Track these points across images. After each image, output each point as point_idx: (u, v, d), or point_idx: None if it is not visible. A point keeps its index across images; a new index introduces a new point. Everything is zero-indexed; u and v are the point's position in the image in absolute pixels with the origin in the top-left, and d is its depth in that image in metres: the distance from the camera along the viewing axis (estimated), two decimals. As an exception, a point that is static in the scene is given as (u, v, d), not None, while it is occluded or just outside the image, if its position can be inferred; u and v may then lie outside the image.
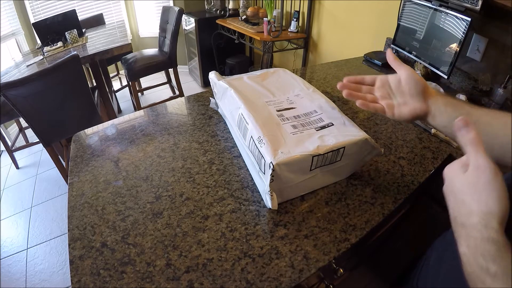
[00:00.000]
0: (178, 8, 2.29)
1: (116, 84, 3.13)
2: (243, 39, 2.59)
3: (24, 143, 2.43)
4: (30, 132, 2.50)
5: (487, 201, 0.31)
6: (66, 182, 1.77)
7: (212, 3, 3.02)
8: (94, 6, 3.16)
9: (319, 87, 0.93)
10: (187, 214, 0.61)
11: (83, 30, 2.56)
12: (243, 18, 2.55)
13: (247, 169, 0.73)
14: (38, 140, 1.60)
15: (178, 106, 1.04)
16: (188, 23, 3.00)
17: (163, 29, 2.50)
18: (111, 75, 2.92)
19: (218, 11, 2.92)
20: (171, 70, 2.60)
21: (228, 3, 2.84)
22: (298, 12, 2.25)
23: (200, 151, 0.80)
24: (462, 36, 1.03)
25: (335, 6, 2.00)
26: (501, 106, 1.11)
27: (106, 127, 0.93)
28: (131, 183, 0.69)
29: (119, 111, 2.89)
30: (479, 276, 0.29)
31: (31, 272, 1.50)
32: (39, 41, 2.37)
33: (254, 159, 0.63)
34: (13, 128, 2.69)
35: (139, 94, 3.11)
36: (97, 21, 2.83)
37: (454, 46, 1.07)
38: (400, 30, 1.40)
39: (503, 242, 0.29)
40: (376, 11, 1.69)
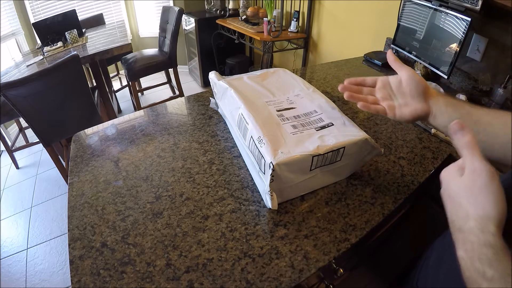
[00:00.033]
0: (178, 8, 2.29)
1: (116, 84, 3.13)
2: (243, 39, 2.59)
3: (24, 143, 2.43)
4: (30, 132, 2.50)
5: (483, 204, 0.31)
6: (66, 182, 1.77)
7: (212, 3, 3.02)
8: (94, 6, 3.16)
9: (319, 87, 0.93)
10: (187, 214, 0.61)
11: (83, 30, 2.56)
12: (243, 18, 2.55)
13: (247, 169, 0.73)
14: (38, 140, 1.60)
15: (178, 106, 1.04)
16: (188, 23, 3.00)
17: (163, 29, 2.50)
18: (111, 75, 2.92)
19: (218, 11, 2.92)
20: (171, 70, 2.60)
21: (228, 3, 2.84)
22: (298, 12, 2.25)
23: (200, 151, 0.80)
24: (462, 36, 1.03)
25: (335, 6, 2.00)
26: (501, 106, 1.11)
27: (106, 127, 0.93)
28: (131, 183, 0.69)
29: (119, 111, 2.89)
30: (476, 280, 0.29)
31: (31, 272, 1.50)
32: (39, 41, 2.38)
33: (254, 159, 0.63)
34: (13, 128, 2.69)
35: (139, 94, 3.11)
36: (97, 21, 2.84)
37: (454, 46, 1.07)
38: (400, 30, 1.40)
39: (500, 246, 0.29)
40: (376, 11, 1.69)
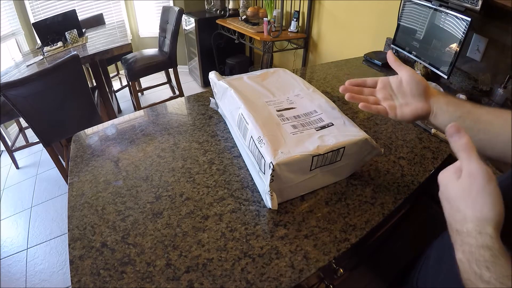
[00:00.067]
0: (178, 8, 2.29)
1: (116, 84, 3.13)
2: (243, 39, 2.59)
3: (24, 143, 2.43)
4: (30, 132, 2.50)
5: (481, 207, 0.31)
6: (66, 182, 1.77)
7: (212, 3, 3.02)
8: (94, 6, 3.16)
9: (319, 87, 0.93)
10: (187, 214, 0.61)
11: (83, 30, 2.56)
12: (243, 18, 2.55)
13: (247, 169, 0.73)
14: (38, 140, 1.60)
15: (178, 106, 1.04)
16: (188, 23, 3.00)
17: (163, 29, 2.50)
18: (111, 75, 2.92)
19: (218, 11, 2.92)
20: (171, 70, 2.60)
21: (228, 3, 2.84)
22: (298, 12, 2.25)
23: (200, 151, 0.80)
24: (462, 36, 1.03)
25: (335, 6, 2.00)
26: (501, 106, 1.11)
27: (106, 127, 0.93)
28: (131, 183, 0.69)
29: (119, 111, 2.89)
30: (474, 282, 0.29)
31: (31, 272, 1.50)
32: (39, 41, 2.37)
33: (254, 159, 0.63)
34: (13, 128, 2.69)
35: (139, 94, 3.11)
36: (97, 21, 2.83)
37: (454, 46, 1.07)
38: (400, 30, 1.40)
39: (498, 248, 0.29)
40: (376, 11, 1.69)
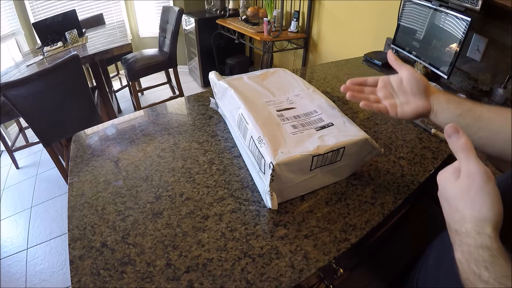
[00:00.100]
0: (178, 8, 2.29)
1: (116, 84, 3.13)
2: (243, 39, 2.59)
3: (24, 143, 2.43)
4: (30, 132, 2.50)
5: (480, 207, 0.31)
6: (66, 182, 1.77)
7: (212, 3, 3.02)
8: (94, 6, 3.16)
9: (319, 87, 0.93)
10: (187, 214, 0.61)
11: (83, 30, 2.56)
12: (243, 18, 2.55)
13: (247, 169, 0.73)
14: (38, 140, 1.60)
15: (178, 106, 1.04)
16: (188, 23, 3.00)
17: (163, 29, 2.50)
18: (111, 75, 2.92)
19: (218, 11, 2.92)
20: (171, 70, 2.60)
21: (228, 3, 2.84)
22: (298, 12, 2.25)
23: (200, 151, 0.80)
24: (462, 36, 1.03)
25: (335, 6, 2.00)
26: (501, 106, 1.11)
27: (106, 127, 0.93)
28: (131, 183, 0.69)
29: (119, 111, 2.89)
30: (473, 282, 0.29)
31: (31, 272, 1.50)
32: (39, 41, 2.38)
33: (254, 159, 0.63)
34: (13, 128, 2.69)
35: (139, 94, 3.11)
36: (97, 21, 2.83)
37: (454, 46, 1.07)
38: (400, 30, 1.40)
39: (497, 248, 0.29)
40: (376, 11, 1.69)
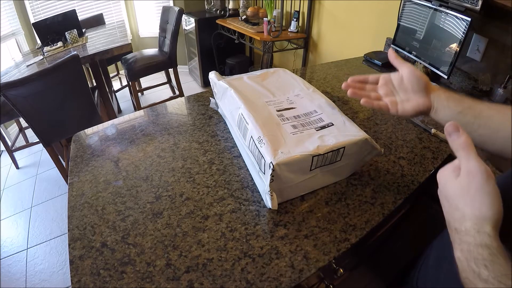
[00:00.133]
0: (178, 8, 2.29)
1: (116, 84, 3.13)
2: (243, 39, 2.59)
3: (24, 143, 2.43)
4: (30, 132, 2.50)
5: (479, 205, 0.31)
6: (66, 182, 1.77)
7: (212, 3, 3.02)
8: (94, 6, 3.16)
9: (319, 87, 0.93)
10: (187, 214, 0.61)
11: (83, 30, 2.56)
12: (243, 18, 2.55)
13: (247, 169, 0.73)
14: (38, 140, 1.60)
15: (178, 106, 1.04)
16: (188, 23, 3.00)
17: (163, 29, 2.50)
18: (111, 75, 2.92)
19: (218, 11, 2.92)
20: (171, 70, 2.60)
21: (228, 3, 2.84)
22: (298, 12, 2.25)
23: (200, 151, 0.80)
24: (462, 36, 1.03)
25: (335, 6, 2.00)
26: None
27: (106, 127, 0.93)
28: (131, 183, 0.69)
29: (119, 111, 2.89)
30: (472, 281, 0.29)
31: (31, 272, 1.50)
32: (39, 41, 2.37)
33: (254, 159, 0.63)
34: (13, 128, 2.69)
35: (139, 94, 3.11)
36: (97, 21, 2.83)
37: (454, 46, 1.07)
38: (400, 30, 1.40)
39: (496, 247, 0.29)
40: (376, 11, 1.69)
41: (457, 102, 0.48)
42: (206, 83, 3.18)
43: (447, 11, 1.09)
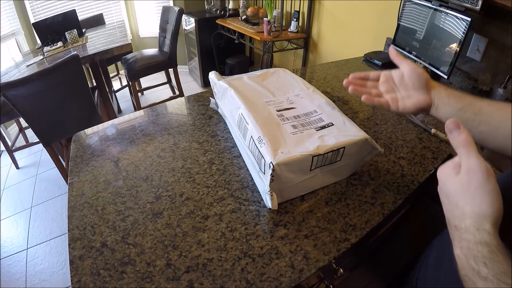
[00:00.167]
0: (178, 8, 2.29)
1: (116, 84, 3.13)
2: (243, 39, 2.59)
3: (24, 143, 2.43)
4: (30, 132, 2.50)
5: (479, 203, 0.31)
6: (66, 182, 1.77)
7: (212, 3, 3.02)
8: (94, 6, 3.16)
9: (319, 87, 0.93)
10: (187, 214, 0.61)
11: (83, 30, 2.56)
12: (243, 18, 2.55)
13: (247, 169, 0.73)
14: (38, 140, 1.60)
15: (178, 106, 1.04)
16: (188, 23, 3.00)
17: (163, 29, 2.50)
18: (111, 75, 2.92)
19: (218, 11, 2.92)
20: (171, 70, 2.60)
21: (228, 3, 2.84)
22: (298, 12, 2.25)
23: (200, 151, 0.80)
24: (462, 36, 1.03)
25: (335, 6, 2.00)
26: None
27: (106, 127, 0.93)
28: (131, 183, 0.69)
29: (119, 111, 2.90)
30: (472, 279, 0.29)
31: (31, 272, 1.50)
32: (39, 41, 2.38)
33: (254, 159, 0.63)
34: (13, 128, 2.69)
35: (139, 94, 3.11)
36: (97, 21, 2.84)
37: (454, 46, 1.07)
38: (400, 30, 1.40)
39: (496, 244, 0.29)
40: (376, 11, 1.69)
41: (457, 99, 0.48)
42: (206, 83, 3.18)
43: (447, 11, 1.09)
